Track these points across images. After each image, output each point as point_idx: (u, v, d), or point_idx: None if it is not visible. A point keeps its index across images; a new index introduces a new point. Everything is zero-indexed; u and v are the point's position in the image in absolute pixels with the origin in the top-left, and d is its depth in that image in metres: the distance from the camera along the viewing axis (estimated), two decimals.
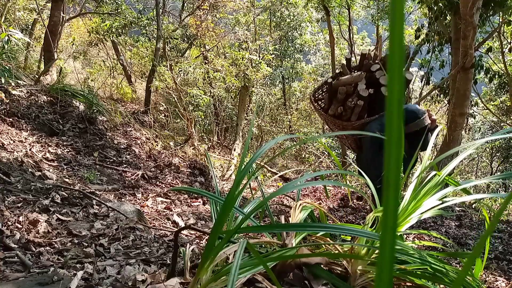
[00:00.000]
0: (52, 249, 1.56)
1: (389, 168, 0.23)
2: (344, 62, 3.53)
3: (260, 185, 1.55)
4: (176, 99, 6.88)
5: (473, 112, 7.91)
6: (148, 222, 2.39)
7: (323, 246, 1.30)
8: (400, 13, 0.23)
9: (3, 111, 3.64)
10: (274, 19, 12.21)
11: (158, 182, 3.81)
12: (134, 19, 7.56)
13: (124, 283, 1.23)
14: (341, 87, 3.06)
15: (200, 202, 3.35)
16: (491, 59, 9.33)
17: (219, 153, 8.49)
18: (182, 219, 2.64)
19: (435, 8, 5.96)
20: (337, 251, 1.24)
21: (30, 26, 8.72)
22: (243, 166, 0.99)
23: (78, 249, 1.57)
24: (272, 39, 11.34)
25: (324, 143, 9.45)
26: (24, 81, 4.56)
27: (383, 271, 0.23)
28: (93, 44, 8.80)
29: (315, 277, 1.12)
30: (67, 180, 2.84)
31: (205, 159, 5.26)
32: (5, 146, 3.04)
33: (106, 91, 7.73)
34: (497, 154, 10.61)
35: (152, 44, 8.21)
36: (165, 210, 2.87)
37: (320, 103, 3.46)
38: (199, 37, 8.38)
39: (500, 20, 7.10)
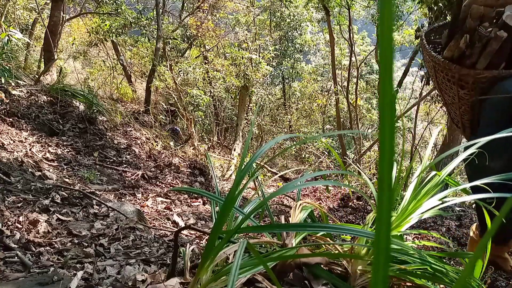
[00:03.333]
0: (52, 249, 1.56)
1: (382, 161, 0.23)
2: None
3: (260, 185, 1.55)
4: (176, 99, 6.88)
5: None
6: (148, 222, 2.39)
7: (323, 246, 1.30)
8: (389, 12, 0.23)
9: (3, 111, 3.64)
10: (274, 19, 12.21)
11: (158, 182, 3.81)
12: (134, 19, 7.56)
13: (124, 283, 1.23)
14: (476, 6, 1.75)
15: (200, 202, 3.35)
16: None
17: (219, 153, 8.49)
18: (182, 219, 2.64)
19: (435, 8, 5.95)
20: (337, 251, 1.24)
21: (30, 26, 8.72)
22: (243, 166, 0.99)
23: (78, 249, 1.57)
24: (272, 39, 11.34)
25: (325, 142, 9.45)
26: (24, 81, 4.56)
27: (378, 271, 0.23)
28: (93, 44, 8.80)
29: (315, 277, 1.12)
30: (67, 180, 2.84)
31: (205, 159, 5.26)
32: (5, 146, 3.04)
33: (106, 91, 7.74)
34: None
35: (152, 44, 8.21)
36: (165, 210, 2.87)
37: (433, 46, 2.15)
38: (199, 37, 8.39)
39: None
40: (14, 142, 3.28)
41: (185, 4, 9.70)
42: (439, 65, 1.86)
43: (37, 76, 5.13)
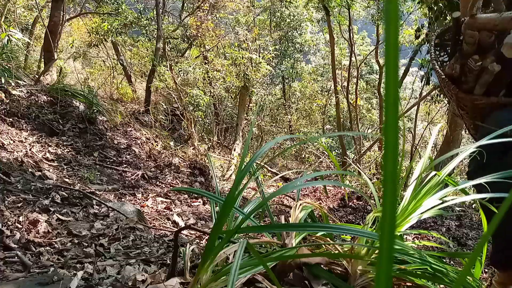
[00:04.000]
0: (52, 249, 1.56)
1: (386, 159, 0.23)
2: None
3: (260, 185, 1.55)
4: (176, 99, 6.88)
5: None
6: (148, 222, 2.39)
7: (323, 246, 1.30)
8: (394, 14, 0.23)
9: (3, 111, 3.64)
10: (274, 19, 12.21)
11: (158, 182, 3.81)
12: (134, 19, 7.56)
13: (124, 283, 1.23)
14: (470, 32, 1.59)
15: (200, 202, 3.35)
16: None
17: (219, 153, 8.49)
18: (182, 219, 2.64)
19: (435, 8, 5.95)
20: (337, 251, 1.24)
21: (30, 26, 8.72)
22: (243, 166, 0.99)
23: (78, 249, 1.57)
24: (272, 39, 11.34)
25: (324, 143, 9.45)
26: (24, 81, 4.56)
27: (381, 271, 0.23)
28: (93, 44, 8.80)
29: (315, 277, 1.12)
30: (67, 180, 2.84)
31: (205, 159, 5.26)
32: (5, 146, 3.04)
33: (106, 91, 7.73)
34: None
35: (152, 44, 8.21)
36: (165, 210, 2.87)
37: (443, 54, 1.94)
38: (199, 37, 8.38)
39: None
40: (14, 142, 3.28)
41: (185, 4, 9.70)
42: (442, 82, 1.74)
43: (37, 76, 5.13)
